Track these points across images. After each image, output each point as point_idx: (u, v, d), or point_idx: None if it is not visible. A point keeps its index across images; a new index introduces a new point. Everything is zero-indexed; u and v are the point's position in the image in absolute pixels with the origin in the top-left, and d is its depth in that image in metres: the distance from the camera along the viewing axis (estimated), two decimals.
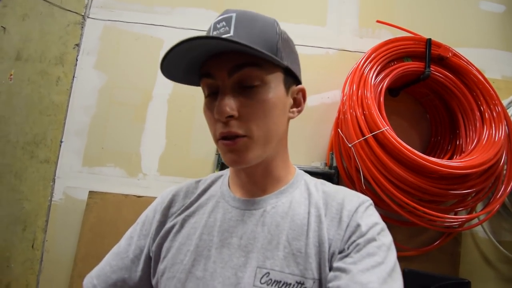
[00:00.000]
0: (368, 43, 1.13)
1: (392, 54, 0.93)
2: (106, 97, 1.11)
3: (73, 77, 1.12)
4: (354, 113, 0.81)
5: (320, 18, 1.18)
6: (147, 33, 1.14)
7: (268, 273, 0.39)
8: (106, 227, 1.00)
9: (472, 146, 0.85)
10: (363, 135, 0.77)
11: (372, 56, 0.91)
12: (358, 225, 0.40)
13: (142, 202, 1.03)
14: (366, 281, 0.35)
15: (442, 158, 0.95)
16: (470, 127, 0.90)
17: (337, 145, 0.94)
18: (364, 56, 0.92)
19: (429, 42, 0.95)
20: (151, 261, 0.49)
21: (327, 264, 0.39)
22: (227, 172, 0.54)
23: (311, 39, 1.15)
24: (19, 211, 1.09)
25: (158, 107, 1.11)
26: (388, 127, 0.76)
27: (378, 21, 1.06)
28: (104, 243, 1.01)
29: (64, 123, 1.10)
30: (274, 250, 0.41)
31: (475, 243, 1.05)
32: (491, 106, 0.88)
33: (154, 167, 1.08)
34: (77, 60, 1.13)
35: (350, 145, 0.79)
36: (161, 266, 0.46)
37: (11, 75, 1.15)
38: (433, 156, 0.99)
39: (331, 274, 0.38)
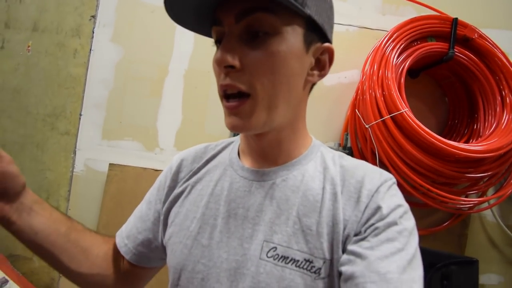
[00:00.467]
0: (391, 21, 1.09)
1: (416, 33, 0.90)
2: (123, 71, 1.11)
3: (90, 49, 1.12)
4: (373, 93, 0.80)
5: None
6: (162, 5, 1.12)
7: (275, 247, 0.38)
8: (126, 198, 1.05)
9: (491, 131, 0.85)
10: (381, 116, 0.77)
11: (395, 35, 0.88)
12: (379, 207, 0.37)
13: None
14: (384, 270, 0.32)
15: (458, 142, 0.94)
16: (490, 112, 0.89)
17: (353, 126, 0.94)
18: (387, 35, 0.90)
19: (455, 21, 0.92)
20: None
21: (340, 246, 0.37)
22: (238, 139, 0.50)
23: None
24: (42, 180, 1.14)
25: (174, 83, 1.12)
26: (407, 109, 0.76)
27: None
28: (124, 212, 1.05)
29: (83, 96, 1.12)
30: (283, 225, 0.39)
31: (483, 226, 1.07)
32: None
33: (170, 142, 1.11)
34: (93, 32, 1.12)
35: (367, 126, 0.79)
36: (169, 230, 0.46)
37: (28, 46, 1.15)
38: (449, 139, 0.99)
39: (345, 257, 0.36)
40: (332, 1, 0.42)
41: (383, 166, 0.83)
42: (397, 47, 0.87)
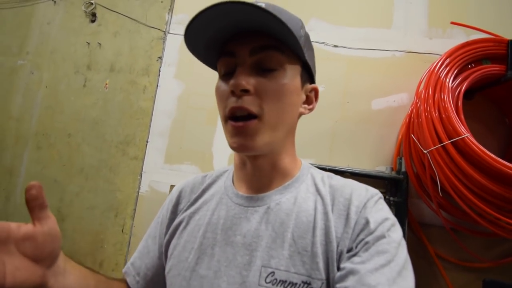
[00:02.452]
0: (439, 44, 1.10)
1: (470, 57, 0.90)
2: (184, 102, 1.25)
3: (157, 85, 1.28)
4: (430, 116, 0.81)
5: (385, 20, 1.17)
6: None
7: (273, 272, 0.38)
8: None
9: None
10: (440, 141, 0.77)
11: (449, 59, 0.89)
12: (367, 222, 0.38)
13: None
14: (374, 282, 0.33)
15: None
16: None
17: (408, 150, 0.94)
18: (440, 59, 0.91)
19: (511, 43, 0.90)
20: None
21: (335, 264, 0.37)
22: (231, 167, 0.52)
23: (376, 42, 1.15)
24: (112, 199, 1.29)
25: None
26: (469, 134, 0.75)
27: (452, 23, 1.03)
28: None
29: (150, 126, 1.27)
30: (279, 249, 0.40)
31: None
32: None
33: (224, 165, 1.19)
34: (160, 71, 1.29)
35: (425, 151, 0.79)
36: (169, 263, 0.46)
37: (106, 84, 1.36)
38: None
39: (338, 274, 0.36)
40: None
41: (445, 193, 0.81)
42: (452, 70, 0.87)
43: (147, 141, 1.26)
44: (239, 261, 0.40)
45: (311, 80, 0.48)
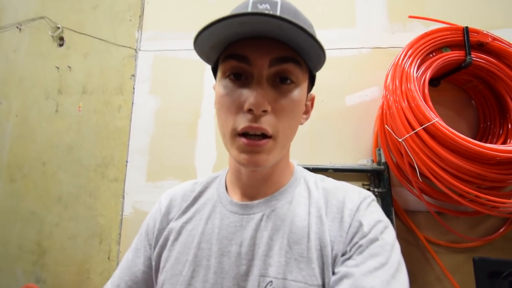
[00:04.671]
0: (400, 38, 1.15)
1: (430, 47, 0.95)
2: (162, 118, 1.23)
3: (132, 103, 1.26)
4: (400, 106, 0.84)
5: (349, 20, 1.22)
6: (191, 58, 1.26)
7: (271, 281, 0.38)
8: None
9: None
10: (413, 128, 0.80)
11: (411, 51, 0.94)
12: (361, 225, 0.38)
13: None
14: (369, 285, 0.33)
15: (496, 143, 0.94)
16: None
17: (384, 141, 0.97)
18: (403, 51, 0.95)
19: (466, 30, 0.96)
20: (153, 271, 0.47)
21: (330, 269, 0.37)
22: (223, 173, 0.50)
23: (342, 41, 1.20)
24: (95, 226, 1.23)
25: (207, 122, 1.21)
26: (438, 118, 0.78)
27: (410, 16, 1.08)
28: None
29: (128, 145, 1.24)
30: (276, 256, 0.39)
31: None
32: None
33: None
34: (134, 88, 1.27)
35: (400, 140, 0.82)
36: (161, 277, 0.44)
37: (79, 107, 1.32)
38: (485, 142, 0.98)
39: (333, 278, 0.36)
40: None
41: (424, 178, 0.83)
42: (415, 61, 0.91)
43: (126, 161, 1.23)
44: (236, 272, 0.40)
45: (311, 88, 0.47)
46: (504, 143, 0.93)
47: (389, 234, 0.38)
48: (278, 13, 0.36)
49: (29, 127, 1.33)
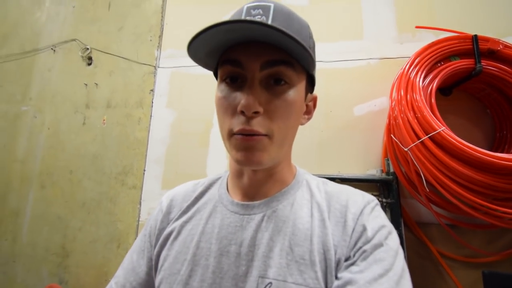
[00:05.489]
0: (410, 48, 1.15)
1: (437, 56, 0.95)
2: (177, 129, 1.31)
3: (151, 116, 1.35)
4: (405, 117, 0.84)
5: (357, 32, 1.24)
6: (204, 73, 1.32)
7: (271, 283, 0.37)
8: None
9: None
10: (418, 138, 0.79)
11: (417, 60, 0.94)
12: (364, 229, 0.38)
13: None
14: None
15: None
16: None
17: (392, 151, 0.96)
18: (408, 61, 0.96)
19: (475, 38, 0.95)
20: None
21: (333, 273, 0.37)
22: (225, 174, 0.51)
23: (350, 53, 1.22)
24: (114, 230, 1.30)
25: (218, 132, 1.26)
26: (444, 127, 0.77)
27: (417, 27, 1.09)
28: None
29: (146, 155, 1.32)
30: (276, 258, 0.38)
31: None
32: None
33: None
34: (152, 102, 1.37)
35: (406, 149, 0.81)
36: (158, 276, 0.44)
37: (104, 120, 1.44)
38: (502, 151, 0.95)
39: (336, 284, 0.35)
40: None
41: (431, 187, 0.82)
42: (421, 70, 0.91)
43: (144, 170, 1.31)
44: (235, 272, 0.39)
45: (312, 89, 0.47)
46: None
47: (393, 240, 0.38)
48: (270, 18, 0.38)
49: (59, 138, 1.46)
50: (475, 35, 0.96)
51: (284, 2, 1.33)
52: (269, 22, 0.38)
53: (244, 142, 0.38)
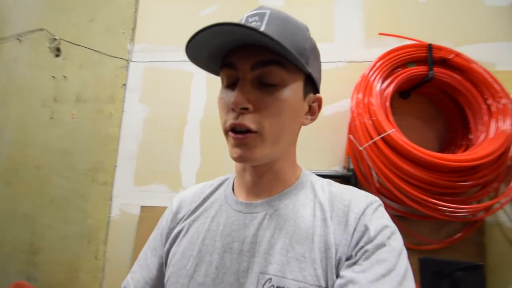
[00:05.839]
0: (375, 53, 1.22)
1: (396, 62, 1.02)
2: (150, 125, 1.31)
3: (123, 111, 1.34)
4: (362, 119, 0.91)
5: (327, 35, 1.30)
6: (179, 69, 1.34)
7: (271, 279, 0.38)
8: None
9: (482, 139, 0.90)
10: (372, 139, 0.87)
11: (377, 65, 1.01)
12: (366, 229, 0.38)
13: None
14: None
15: (457, 153, 1.00)
16: (479, 121, 0.95)
17: (351, 149, 1.04)
18: (370, 66, 1.02)
19: (430, 47, 1.03)
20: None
21: (334, 271, 0.37)
22: (232, 175, 0.53)
23: (321, 56, 1.27)
24: (84, 227, 1.30)
25: (193, 130, 1.29)
26: (394, 130, 0.85)
27: (380, 34, 1.16)
28: None
29: (118, 150, 1.31)
30: (277, 255, 0.40)
31: (503, 233, 1.06)
32: (497, 99, 0.93)
33: (192, 181, 1.24)
34: (124, 97, 1.36)
35: (361, 148, 0.89)
36: (168, 272, 0.47)
37: (73, 114, 1.40)
38: (449, 152, 1.05)
39: (338, 283, 0.36)
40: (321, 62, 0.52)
41: (382, 182, 0.90)
42: (380, 75, 0.98)
43: (115, 166, 1.30)
44: (237, 268, 0.41)
45: (315, 89, 0.49)
46: (465, 152, 0.99)
47: (396, 240, 0.38)
48: (264, 23, 0.40)
49: (26, 133, 1.41)
50: (430, 44, 1.05)
51: (260, 1, 1.35)
52: (263, 27, 0.41)
53: (236, 140, 0.41)
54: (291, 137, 0.46)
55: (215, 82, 1.30)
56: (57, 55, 1.47)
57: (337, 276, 0.37)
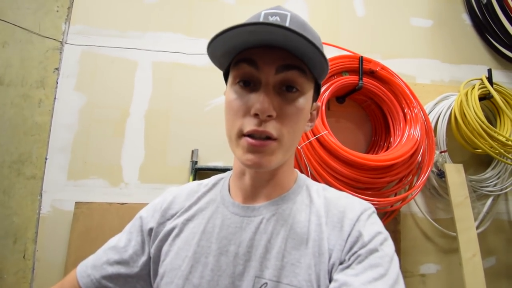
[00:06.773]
0: None
1: (332, 70, 1.12)
2: (87, 115, 1.22)
3: (55, 98, 1.22)
4: None
5: None
6: (122, 56, 1.27)
7: (266, 283, 0.39)
8: (93, 234, 1.11)
9: (398, 142, 1.06)
10: (308, 139, 0.96)
11: None
12: (360, 235, 0.39)
13: (126, 208, 1.15)
14: None
15: (380, 153, 1.15)
16: (397, 126, 1.11)
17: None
18: None
19: (361, 59, 1.16)
20: (150, 261, 0.49)
21: (327, 276, 0.38)
22: (228, 175, 0.53)
23: None
24: (9, 225, 1.17)
25: (136, 122, 1.24)
26: (326, 132, 0.95)
27: (323, 43, 1.25)
28: (93, 248, 1.09)
29: (48, 141, 1.20)
30: (273, 259, 0.40)
31: (415, 222, 1.26)
32: (411, 109, 1.09)
33: (135, 176, 1.21)
34: (57, 83, 1.24)
35: (299, 147, 0.97)
36: (160, 270, 0.46)
37: None
38: (373, 152, 1.20)
39: (332, 286, 0.37)
40: None
41: (313, 177, 1.00)
42: None
43: (45, 158, 1.19)
44: (233, 271, 0.41)
45: (317, 98, 0.49)
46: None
47: (389, 246, 0.39)
48: (287, 25, 0.38)
49: None
50: (361, 57, 1.17)
51: None
52: None
53: (253, 147, 0.39)
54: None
55: (163, 73, 1.27)
56: None
57: (330, 280, 0.38)
